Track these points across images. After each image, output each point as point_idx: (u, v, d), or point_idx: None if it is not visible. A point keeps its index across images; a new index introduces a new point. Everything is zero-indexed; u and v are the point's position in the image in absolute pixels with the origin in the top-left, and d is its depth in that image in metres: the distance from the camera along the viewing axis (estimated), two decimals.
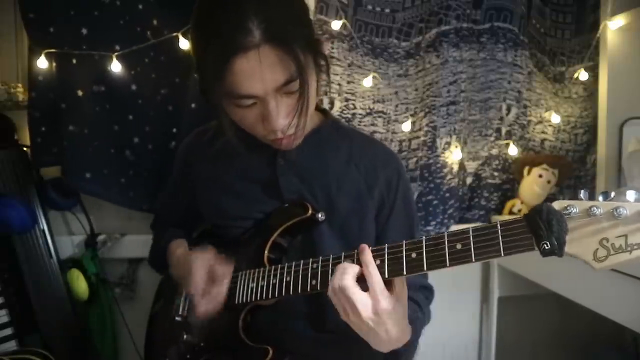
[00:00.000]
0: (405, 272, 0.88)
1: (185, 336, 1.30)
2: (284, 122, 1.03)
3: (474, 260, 0.79)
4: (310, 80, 1.02)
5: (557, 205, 0.73)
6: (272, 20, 0.92)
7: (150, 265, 1.58)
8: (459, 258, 0.81)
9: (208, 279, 1.20)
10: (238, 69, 0.94)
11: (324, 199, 1.22)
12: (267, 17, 0.92)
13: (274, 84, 0.97)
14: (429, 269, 0.85)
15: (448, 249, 0.83)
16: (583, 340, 2.31)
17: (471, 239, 0.80)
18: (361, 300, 0.89)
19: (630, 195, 0.68)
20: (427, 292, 1.32)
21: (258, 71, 0.94)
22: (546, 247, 0.71)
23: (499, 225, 0.78)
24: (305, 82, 0.98)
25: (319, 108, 1.30)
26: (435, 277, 1.33)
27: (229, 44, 0.92)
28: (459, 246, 0.81)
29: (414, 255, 0.87)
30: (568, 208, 0.72)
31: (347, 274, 0.91)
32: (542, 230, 0.72)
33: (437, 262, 0.84)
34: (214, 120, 1.34)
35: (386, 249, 0.92)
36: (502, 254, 0.76)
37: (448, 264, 0.82)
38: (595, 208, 0.69)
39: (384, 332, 0.93)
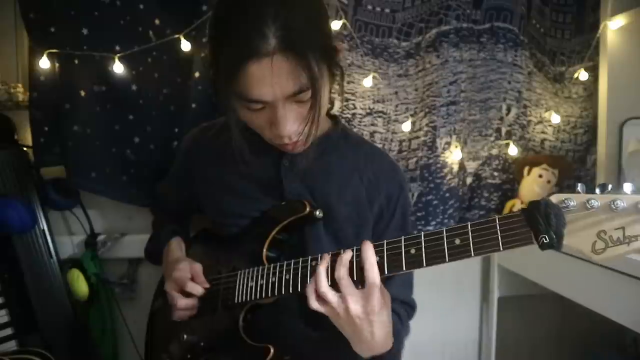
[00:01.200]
0: (404, 268, 0.88)
1: (185, 336, 1.30)
2: (292, 128, 1.03)
3: (473, 254, 0.80)
4: (323, 89, 1.01)
5: (554, 198, 0.73)
6: (290, 28, 0.92)
7: (145, 256, 1.58)
8: (458, 253, 0.81)
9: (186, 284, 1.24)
10: (250, 73, 0.93)
11: (323, 204, 1.22)
12: (285, 25, 0.91)
13: (284, 92, 0.96)
14: (428, 264, 0.85)
15: (447, 244, 0.83)
16: (583, 340, 2.31)
17: (470, 234, 0.80)
18: (353, 295, 0.93)
19: (628, 187, 0.68)
20: (409, 308, 1.33)
21: (269, 78, 0.93)
22: (545, 241, 0.71)
23: (497, 220, 0.78)
24: (317, 93, 0.97)
25: (328, 113, 1.30)
26: (435, 277, 1.33)
27: (244, 48, 0.92)
28: (457, 241, 0.82)
29: (413, 250, 0.88)
30: (566, 201, 0.72)
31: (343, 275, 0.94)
32: (541, 224, 0.72)
33: (436, 258, 0.84)
34: (221, 117, 1.35)
35: (385, 245, 0.92)
36: (501, 249, 0.77)
37: (447, 259, 0.82)
38: (592, 201, 0.69)
39: (369, 334, 0.96)
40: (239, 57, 0.92)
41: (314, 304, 0.98)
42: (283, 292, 1.08)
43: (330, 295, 0.95)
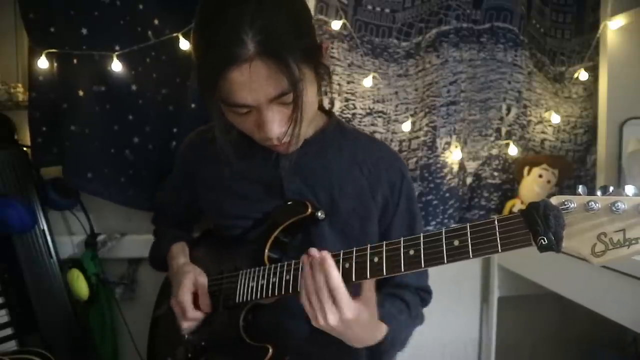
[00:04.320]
0: (403, 269, 0.88)
1: (186, 336, 1.31)
2: (279, 130, 1.03)
3: (471, 256, 0.79)
4: (308, 90, 1.01)
5: (554, 200, 0.73)
6: (268, 32, 0.92)
7: (150, 263, 1.59)
8: (457, 254, 0.81)
9: (191, 298, 1.26)
10: (231, 79, 0.94)
11: (326, 200, 1.22)
12: (262, 29, 0.91)
13: (266, 96, 0.97)
14: (426, 265, 0.85)
15: (445, 246, 0.83)
16: (583, 340, 2.31)
17: (469, 235, 0.80)
18: (329, 307, 0.95)
19: (629, 189, 0.68)
20: (425, 293, 1.34)
21: (249, 84, 0.94)
22: (543, 243, 0.71)
23: (496, 222, 0.78)
24: (299, 96, 0.98)
25: (323, 109, 1.30)
26: (435, 277, 1.33)
27: (223, 55, 0.92)
28: (456, 242, 0.82)
29: (411, 252, 0.87)
30: (565, 203, 0.71)
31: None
32: (539, 225, 0.71)
33: (434, 259, 0.84)
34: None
35: (384, 247, 0.92)
36: (500, 250, 0.76)
37: (445, 261, 0.82)
38: (592, 203, 0.69)
39: (352, 334, 1.01)
40: (219, 64, 0.93)
41: (303, 299, 1.00)
42: (283, 293, 1.08)
43: (314, 300, 0.97)
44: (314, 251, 0.98)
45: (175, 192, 1.51)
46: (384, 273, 0.91)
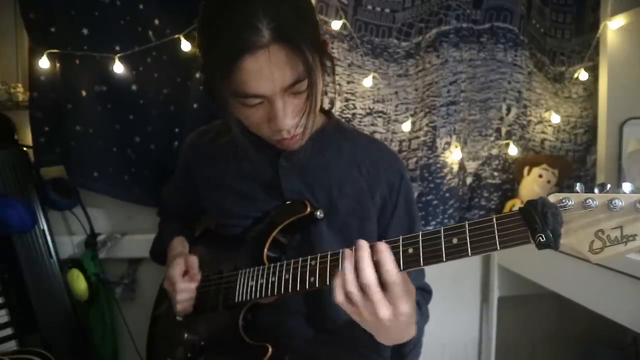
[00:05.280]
0: (402, 268, 0.88)
1: (186, 335, 1.31)
2: (291, 122, 1.03)
3: (470, 254, 0.79)
4: (318, 80, 1.02)
5: (552, 198, 0.73)
6: (281, 19, 0.92)
7: (150, 256, 1.59)
8: (456, 252, 0.81)
9: (182, 279, 1.26)
10: (246, 68, 0.93)
11: (325, 200, 1.22)
12: (276, 17, 0.92)
13: (282, 83, 0.96)
14: (425, 263, 0.85)
15: (444, 244, 0.83)
16: (583, 340, 2.31)
17: (467, 233, 0.80)
18: (383, 301, 0.87)
19: (626, 187, 0.68)
20: (425, 293, 1.33)
21: (267, 71, 0.94)
22: (541, 240, 0.71)
23: (494, 220, 0.78)
24: (313, 83, 0.98)
25: (322, 109, 1.30)
26: (435, 277, 1.33)
27: (237, 43, 0.92)
28: (455, 240, 0.82)
29: (410, 250, 0.87)
30: (563, 201, 0.72)
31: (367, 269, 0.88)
32: (537, 223, 0.72)
33: (433, 257, 0.84)
34: (218, 120, 1.35)
35: None
36: (498, 248, 0.76)
37: (444, 259, 0.82)
38: (590, 200, 0.69)
39: (396, 329, 0.93)
40: (234, 53, 0.92)
41: (340, 298, 0.89)
42: (282, 292, 1.08)
43: (358, 298, 0.88)
44: (362, 242, 0.90)
45: (177, 192, 1.52)
46: None
